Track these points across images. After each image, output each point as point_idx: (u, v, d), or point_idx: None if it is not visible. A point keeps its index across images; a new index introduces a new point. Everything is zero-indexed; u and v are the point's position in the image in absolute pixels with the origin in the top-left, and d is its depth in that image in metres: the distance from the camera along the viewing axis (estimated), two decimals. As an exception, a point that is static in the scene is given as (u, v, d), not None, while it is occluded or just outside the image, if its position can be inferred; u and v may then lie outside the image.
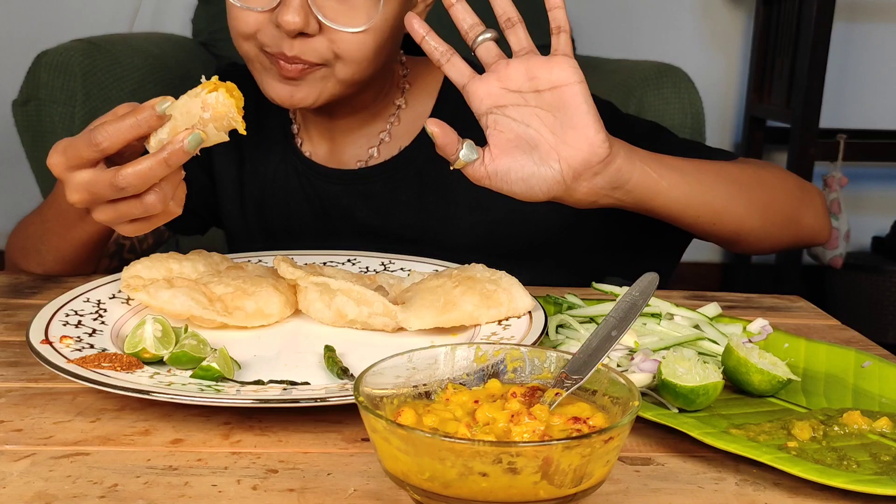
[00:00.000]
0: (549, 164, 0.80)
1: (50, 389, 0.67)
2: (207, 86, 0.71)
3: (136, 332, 0.68)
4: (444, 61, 0.82)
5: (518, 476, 0.44)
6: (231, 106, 0.71)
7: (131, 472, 0.55)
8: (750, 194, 0.95)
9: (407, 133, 1.09)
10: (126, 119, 0.71)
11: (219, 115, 0.70)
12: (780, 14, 2.58)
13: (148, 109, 0.71)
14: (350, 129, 1.09)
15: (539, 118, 0.80)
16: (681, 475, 0.57)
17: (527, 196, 0.82)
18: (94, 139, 0.71)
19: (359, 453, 0.58)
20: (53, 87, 1.49)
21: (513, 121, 0.81)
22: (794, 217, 1.00)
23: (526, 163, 0.80)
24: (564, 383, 0.53)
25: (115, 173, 0.71)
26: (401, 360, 0.55)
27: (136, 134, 0.72)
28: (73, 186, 0.73)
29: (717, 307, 0.80)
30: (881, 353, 0.79)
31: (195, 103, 0.70)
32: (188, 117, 0.71)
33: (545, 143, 0.80)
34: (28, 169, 1.59)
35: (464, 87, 0.82)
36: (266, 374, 0.66)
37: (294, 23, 0.88)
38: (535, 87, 0.79)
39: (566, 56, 0.79)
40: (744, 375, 0.67)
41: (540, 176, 0.81)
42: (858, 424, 0.63)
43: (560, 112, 0.79)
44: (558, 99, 0.79)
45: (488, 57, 0.81)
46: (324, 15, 0.90)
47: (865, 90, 2.84)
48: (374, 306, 0.75)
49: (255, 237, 1.13)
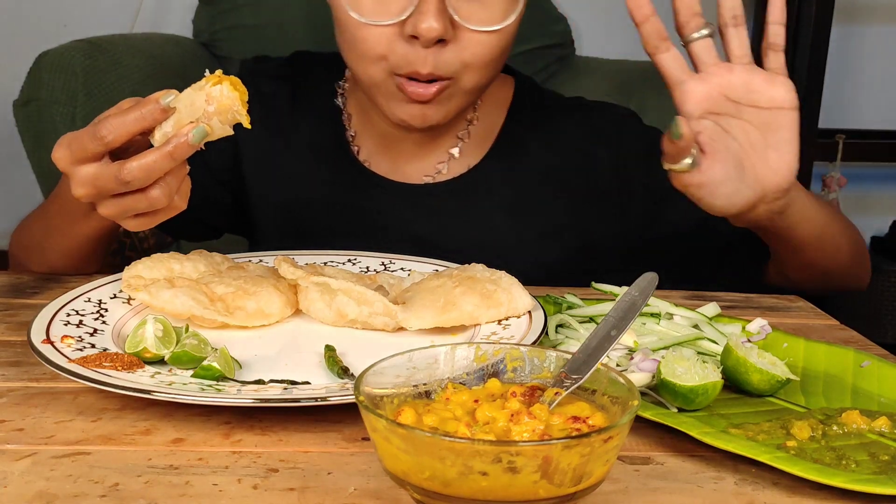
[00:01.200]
0: (748, 182, 0.79)
1: (51, 389, 0.67)
2: (211, 79, 0.70)
3: (137, 331, 0.68)
4: (662, 50, 0.78)
5: (518, 475, 0.44)
6: (235, 99, 0.70)
7: (132, 471, 0.55)
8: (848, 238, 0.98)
9: (477, 149, 1.06)
10: (130, 112, 0.71)
11: (223, 108, 0.70)
12: (780, 14, 2.58)
13: (152, 103, 0.71)
14: (421, 143, 1.05)
15: (747, 134, 0.79)
16: (680, 474, 0.57)
17: (722, 210, 0.81)
18: (99, 133, 0.70)
19: (359, 452, 0.59)
20: (54, 87, 1.49)
21: (724, 132, 0.78)
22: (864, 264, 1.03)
23: (733, 177, 0.79)
24: (564, 383, 0.53)
25: (120, 167, 0.70)
26: (401, 359, 0.55)
27: (140, 127, 0.71)
28: (78, 180, 0.73)
29: (716, 307, 0.81)
30: (880, 353, 0.79)
31: (199, 96, 0.70)
32: (192, 110, 0.70)
33: (748, 160, 0.79)
34: (29, 169, 1.59)
35: (679, 85, 0.78)
36: (267, 374, 0.67)
37: (434, 29, 0.83)
38: (754, 102, 0.77)
39: (787, 79, 0.78)
40: (743, 375, 0.68)
41: (741, 193, 0.79)
42: (857, 424, 0.63)
43: (770, 133, 0.78)
44: (774, 120, 0.77)
45: (707, 56, 0.78)
46: (460, 16, 0.86)
47: (864, 91, 2.84)
48: (375, 306, 0.75)
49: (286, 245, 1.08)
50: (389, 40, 0.87)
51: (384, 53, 0.88)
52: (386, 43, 0.88)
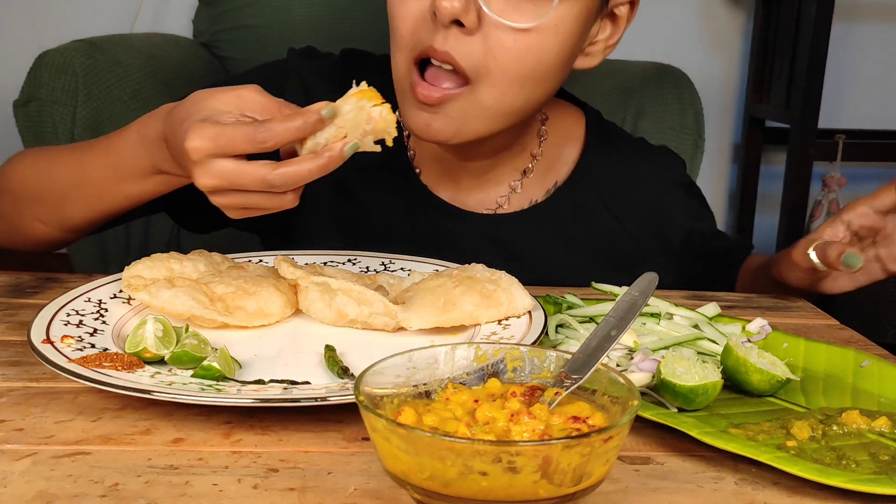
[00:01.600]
0: None
1: (51, 389, 0.67)
2: (366, 94, 0.72)
3: (137, 331, 0.68)
4: None
5: (518, 475, 0.44)
6: (392, 123, 0.72)
7: (132, 471, 0.55)
8: None
9: (539, 184, 1.04)
10: (292, 121, 0.69)
11: (379, 129, 0.72)
12: (780, 14, 2.58)
13: (314, 114, 0.69)
14: (481, 173, 1.02)
15: None
16: (680, 474, 0.57)
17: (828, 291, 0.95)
18: (259, 136, 0.68)
19: (359, 452, 0.59)
20: (54, 87, 1.49)
21: None
22: None
23: None
24: (564, 383, 0.53)
25: (269, 170, 0.69)
26: (401, 359, 0.55)
27: (300, 136, 0.70)
28: (212, 172, 0.70)
29: (716, 307, 0.81)
30: (880, 353, 0.79)
31: (360, 115, 0.71)
32: (352, 126, 0.71)
33: None
34: (28, 169, 1.58)
35: None
36: (267, 374, 0.67)
37: (450, 7, 0.80)
38: None
39: None
40: (743, 375, 0.68)
41: None
42: (857, 424, 0.63)
43: None
44: None
45: None
46: (489, 5, 0.82)
47: (864, 90, 2.84)
48: (375, 306, 0.75)
49: None
50: (417, 20, 0.85)
51: (410, 33, 0.86)
52: (412, 22, 0.85)
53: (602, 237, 1.05)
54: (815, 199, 2.61)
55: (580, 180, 1.05)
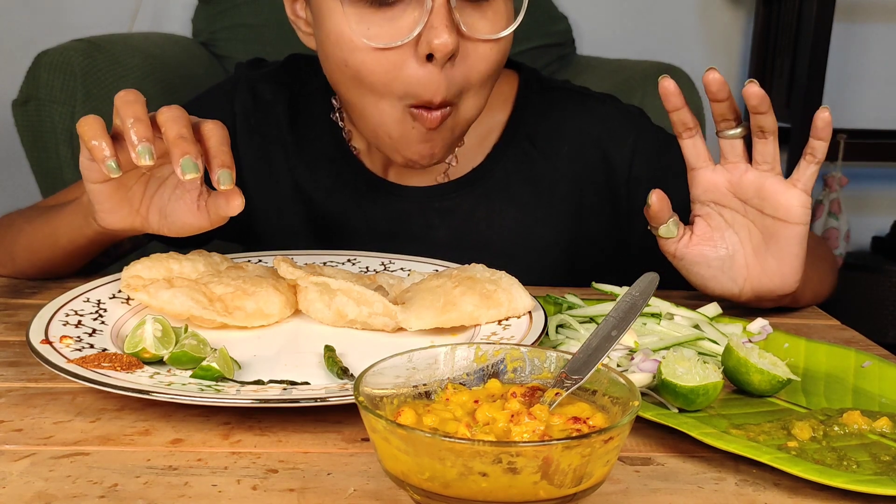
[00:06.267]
0: (734, 278, 0.82)
1: (50, 389, 0.67)
2: None
3: (136, 332, 0.68)
4: (687, 136, 0.82)
5: (518, 476, 0.44)
6: None
7: (131, 472, 0.55)
8: (831, 266, 1.02)
9: (480, 146, 1.04)
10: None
11: None
12: (780, 14, 2.58)
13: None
14: None
15: (748, 232, 0.82)
16: (681, 475, 0.57)
17: (695, 286, 0.85)
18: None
19: (359, 453, 0.58)
20: (53, 86, 1.49)
21: (724, 221, 0.82)
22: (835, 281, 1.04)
23: (715, 264, 0.82)
24: (564, 383, 0.53)
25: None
26: (401, 360, 0.55)
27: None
28: None
29: (716, 307, 0.81)
30: (881, 353, 0.79)
31: None
32: None
33: (742, 257, 0.82)
34: (28, 169, 1.59)
35: (693, 170, 0.82)
36: (266, 374, 0.66)
37: (449, 43, 0.80)
38: (761, 208, 0.80)
39: (804, 193, 0.79)
40: (744, 375, 0.67)
41: (719, 282, 0.83)
42: (858, 424, 0.63)
43: (771, 241, 0.80)
44: (777, 230, 0.80)
45: (731, 153, 0.81)
46: (466, 27, 0.83)
47: (865, 90, 2.84)
48: (375, 306, 0.75)
49: None
50: (402, 64, 0.83)
51: (391, 81, 0.84)
52: (392, 72, 0.83)
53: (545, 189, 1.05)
54: (816, 199, 2.61)
55: (514, 136, 1.05)
